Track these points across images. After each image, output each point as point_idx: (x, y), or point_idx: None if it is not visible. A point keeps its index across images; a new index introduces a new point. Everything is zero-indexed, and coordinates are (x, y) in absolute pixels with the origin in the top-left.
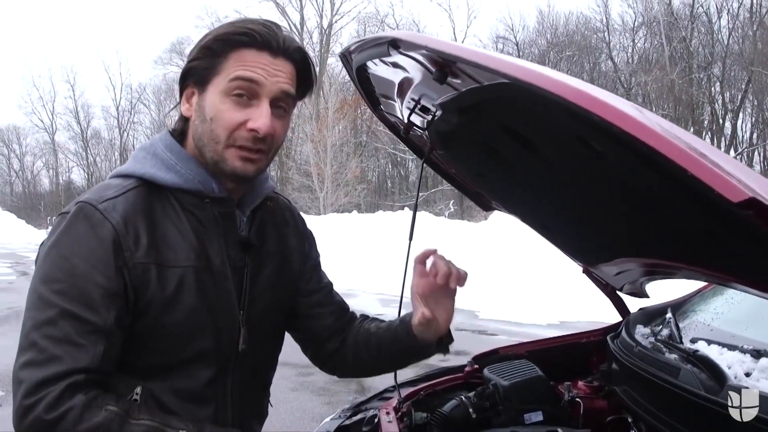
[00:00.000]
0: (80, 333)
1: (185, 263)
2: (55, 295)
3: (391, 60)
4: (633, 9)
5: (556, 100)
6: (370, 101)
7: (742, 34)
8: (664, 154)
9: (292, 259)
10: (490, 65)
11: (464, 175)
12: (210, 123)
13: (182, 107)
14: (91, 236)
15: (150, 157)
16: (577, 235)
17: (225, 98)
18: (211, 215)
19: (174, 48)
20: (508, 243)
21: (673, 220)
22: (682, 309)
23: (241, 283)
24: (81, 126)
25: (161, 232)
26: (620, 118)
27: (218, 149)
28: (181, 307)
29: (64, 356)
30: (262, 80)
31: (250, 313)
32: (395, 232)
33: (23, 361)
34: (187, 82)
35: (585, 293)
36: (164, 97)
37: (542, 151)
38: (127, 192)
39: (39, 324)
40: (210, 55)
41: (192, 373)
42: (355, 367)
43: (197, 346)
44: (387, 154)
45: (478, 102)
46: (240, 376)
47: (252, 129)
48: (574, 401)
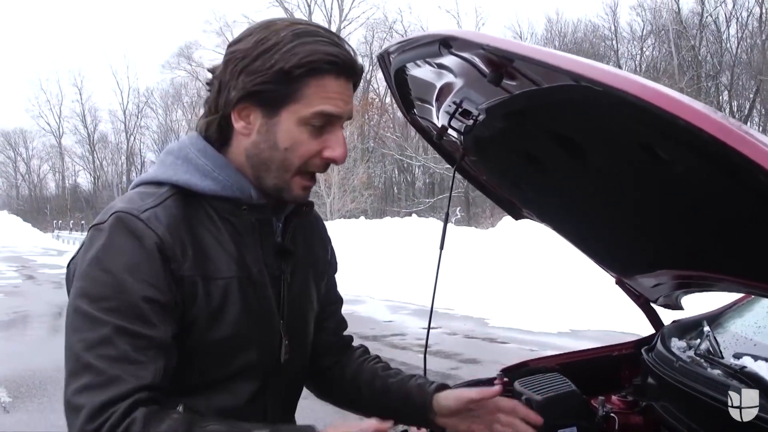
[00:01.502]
0: (138, 349)
1: (228, 274)
2: (106, 314)
3: (437, 61)
4: (641, 17)
5: (638, 104)
6: (404, 105)
7: (750, 43)
8: (760, 163)
9: (318, 266)
10: (562, 65)
11: (497, 183)
12: (284, 152)
13: (236, 124)
14: (137, 248)
15: (182, 162)
16: (616, 246)
17: (303, 128)
18: (248, 222)
19: (182, 52)
20: (517, 250)
21: (741, 232)
22: (717, 322)
23: (279, 291)
24: (88, 130)
25: (201, 242)
26: (713, 125)
27: (286, 177)
28: (226, 320)
29: (125, 376)
30: (341, 112)
31: (290, 323)
32: (402, 238)
33: (79, 386)
34: (246, 99)
35: (595, 302)
36: (171, 101)
37: (593, 159)
38: (166, 200)
39: (92, 344)
40: (288, 82)
41: (235, 389)
42: (347, 398)
43: (242, 360)
44: (394, 160)
45: (531, 106)
46: (279, 390)
47: (329, 158)
48: (609, 416)
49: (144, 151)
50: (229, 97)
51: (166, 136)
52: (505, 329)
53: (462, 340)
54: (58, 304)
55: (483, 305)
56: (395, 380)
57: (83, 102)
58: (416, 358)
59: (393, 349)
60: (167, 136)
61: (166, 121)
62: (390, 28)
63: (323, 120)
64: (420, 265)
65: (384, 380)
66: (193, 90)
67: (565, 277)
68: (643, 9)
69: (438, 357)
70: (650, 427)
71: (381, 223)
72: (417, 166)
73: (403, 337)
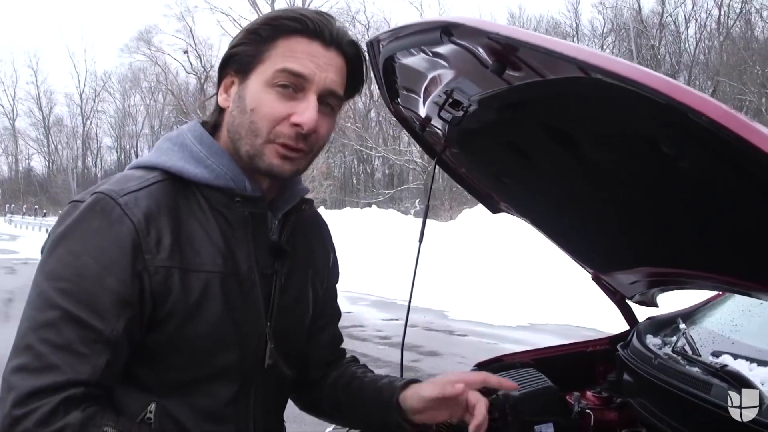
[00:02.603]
0: (83, 341)
1: (211, 268)
2: (60, 295)
3: (434, 49)
4: (603, 15)
5: (654, 97)
6: (389, 94)
7: (708, 45)
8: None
9: (318, 272)
10: (576, 55)
11: (477, 176)
12: (250, 114)
13: (219, 97)
14: (107, 234)
15: (177, 148)
16: (597, 242)
17: (269, 89)
18: (240, 216)
19: (141, 36)
20: (476, 243)
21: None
22: (692, 319)
23: (269, 292)
24: (43, 113)
25: (186, 232)
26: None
27: (256, 143)
28: (204, 317)
29: (63, 366)
30: (311, 74)
31: (278, 326)
32: (362, 229)
33: (16, 365)
34: (227, 70)
35: (554, 296)
36: (130, 85)
37: (586, 154)
38: (151, 186)
39: (38, 325)
40: (256, 40)
41: (213, 391)
42: (328, 405)
43: (220, 361)
44: (353, 150)
45: (531, 97)
46: (264, 395)
47: (296, 123)
48: (584, 412)
49: (101, 135)
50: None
51: (124, 120)
52: (465, 322)
53: (422, 332)
54: (10, 290)
55: (442, 298)
56: (369, 379)
57: (38, 84)
58: (376, 350)
59: (353, 341)
60: (124, 121)
61: (123, 105)
62: (353, 18)
63: (288, 80)
64: (379, 256)
65: (360, 380)
66: (152, 75)
67: (524, 270)
68: (604, 7)
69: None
70: (626, 423)
71: (340, 213)
72: (376, 157)
73: (362, 329)
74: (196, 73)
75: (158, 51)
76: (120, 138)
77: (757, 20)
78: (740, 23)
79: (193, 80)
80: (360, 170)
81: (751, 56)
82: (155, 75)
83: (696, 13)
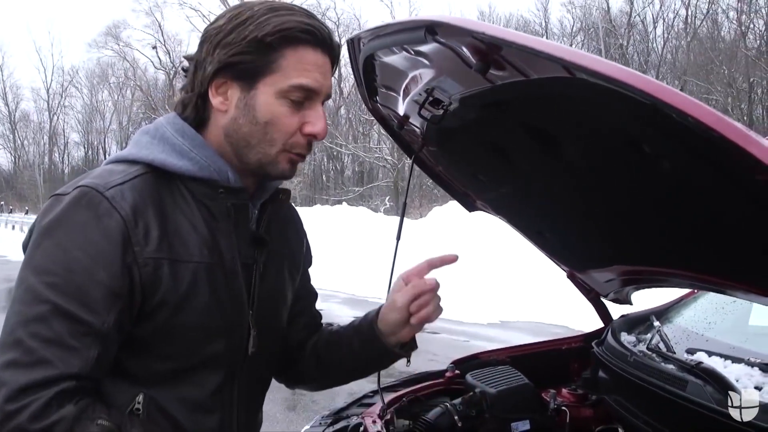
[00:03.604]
0: (74, 334)
1: (198, 259)
2: (49, 289)
3: (417, 48)
4: (572, 14)
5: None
6: (368, 92)
7: (676, 45)
8: None
9: (294, 259)
10: (564, 56)
11: (454, 174)
12: (264, 126)
13: (213, 99)
14: (95, 227)
15: (157, 141)
16: (573, 241)
17: (281, 100)
18: (223, 207)
19: (109, 31)
20: (446, 241)
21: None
22: (666, 316)
23: (250, 281)
24: (9, 108)
25: (172, 224)
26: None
27: (271, 152)
28: (193, 306)
29: (54, 360)
30: (320, 87)
31: (259, 314)
32: (332, 226)
33: (6, 360)
34: (222, 73)
35: (524, 293)
36: (98, 81)
37: (566, 154)
38: (135, 179)
39: (27, 320)
40: (264, 50)
41: (199, 380)
42: (312, 371)
43: (208, 350)
44: (323, 147)
45: (514, 97)
46: (247, 382)
47: (310, 134)
48: (560, 409)
49: (68, 131)
50: (205, 73)
51: (91, 116)
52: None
53: None
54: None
55: None
56: (343, 327)
57: (4, 79)
58: None
59: None
60: (92, 117)
61: (91, 101)
62: (323, 15)
63: (302, 94)
64: (350, 253)
65: (335, 333)
66: (120, 70)
67: (495, 268)
68: (573, 6)
69: None
70: (601, 419)
71: (310, 210)
72: (346, 155)
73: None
74: (164, 69)
75: (127, 46)
76: (87, 134)
77: (723, 20)
78: (707, 23)
79: (162, 76)
80: (330, 167)
81: (717, 56)
82: (123, 70)
83: (664, 13)
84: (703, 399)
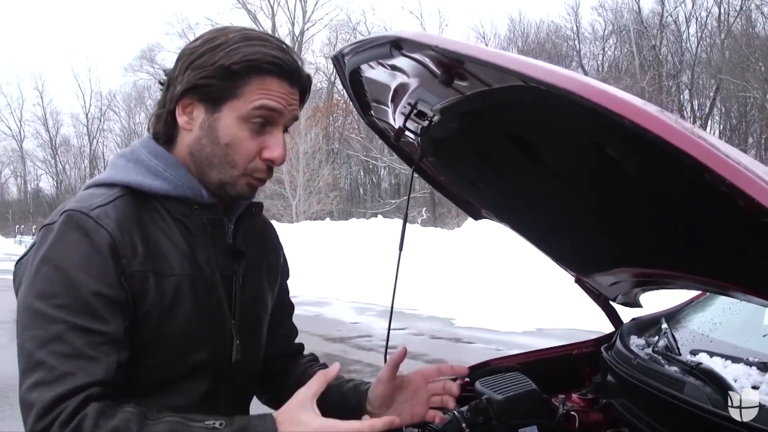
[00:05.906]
0: (91, 345)
1: (180, 272)
2: (57, 310)
3: (390, 62)
4: (603, 17)
5: (582, 103)
6: (361, 107)
7: (710, 43)
8: (705, 163)
9: (272, 270)
10: (510, 66)
11: (455, 184)
12: (225, 148)
13: (179, 118)
14: (86, 244)
15: (133, 164)
16: (575, 245)
17: (243, 125)
18: (199, 222)
19: (144, 55)
20: (483, 250)
21: (692, 230)
22: (676, 319)
23: (231, 292)
24: (50, 133)
25: (153, 240)
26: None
27: (232, 174)
28: (178, 318)
29: (77, 371)
30: (283, 110)
31: (242, 322)
32: (368, 239)
33: (31, 383)
34: (189, 94)
35: (561, 301)
36: (134, 104)
37: (547, 159)
38: (116, 200)
39: (44, 342)
40: (230, 77)
41: (186, 389)
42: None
43: (193, 359)
44: (359, 161)
45: (483, 107)
46: (232, 390)
47: (269, 159)
48: (569, 415)
49: (107, 154)
50: (174, 92)
51: (130, 139)
52: (471, 329)
53: (428, 340)
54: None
55: (449, 305)
56: (334, 384)
57: (44, 105)
58: (383, 360)
59: (359, 351)
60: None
61: (129, 124)
62: (354, 30)
63: (263, 116)
64: (386, 266)
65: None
66: (156, 93)
67: (530, 276)
68: (604, 9)
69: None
70: (610, 424)
71: (347, 224)
72: (382, 167)
73: (369, 339)
74: None
75: (161, 69)
76: None
77: (758, 17)
78: (741, 20)
79: None
80: (366, 180)
81: (753, 53)
82: (159, 93)
83: (696, 11)
84: (700, 401)
